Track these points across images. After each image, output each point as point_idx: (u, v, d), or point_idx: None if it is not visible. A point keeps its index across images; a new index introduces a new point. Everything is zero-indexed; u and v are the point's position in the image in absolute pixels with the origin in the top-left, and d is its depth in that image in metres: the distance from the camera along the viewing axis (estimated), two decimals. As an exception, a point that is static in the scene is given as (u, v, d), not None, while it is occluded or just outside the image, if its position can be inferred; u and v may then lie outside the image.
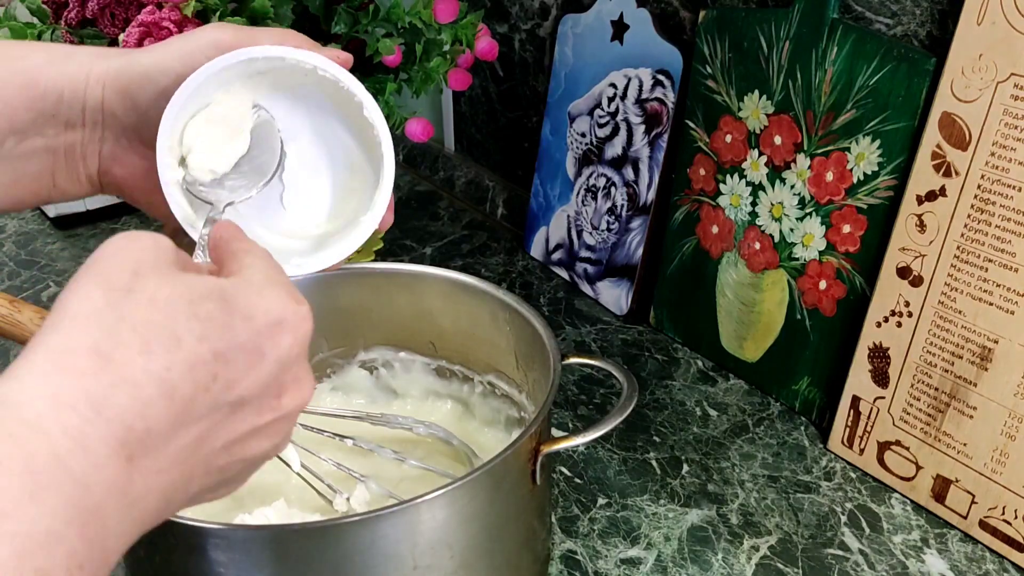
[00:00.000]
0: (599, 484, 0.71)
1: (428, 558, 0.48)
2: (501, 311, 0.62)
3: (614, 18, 0.88)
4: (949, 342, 0.65)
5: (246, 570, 0.46)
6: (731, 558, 0.64)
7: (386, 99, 0.89)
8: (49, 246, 1.07)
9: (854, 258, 0.71)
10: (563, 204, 0.98)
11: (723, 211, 0.80)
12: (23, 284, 0.99)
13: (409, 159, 1.27)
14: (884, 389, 0.69)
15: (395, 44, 0.86)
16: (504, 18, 1.04)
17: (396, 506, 0.45)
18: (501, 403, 0.66)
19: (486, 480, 0.48)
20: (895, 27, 0.67)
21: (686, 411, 0.79)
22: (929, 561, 0.64)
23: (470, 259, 1.04)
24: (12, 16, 0.84)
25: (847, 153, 0.69)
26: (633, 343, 0.88)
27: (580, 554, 0.64)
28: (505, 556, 0.53)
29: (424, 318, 0.66)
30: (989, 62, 0.59)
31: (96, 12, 0.84)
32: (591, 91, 0.92)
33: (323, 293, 0.66)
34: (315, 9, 0.85)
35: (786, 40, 0.71)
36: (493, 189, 1.13)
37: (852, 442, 0.72)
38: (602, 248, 0.93)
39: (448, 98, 1.18)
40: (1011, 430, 0.62)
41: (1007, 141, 0.59)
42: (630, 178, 0.89)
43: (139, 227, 1.11)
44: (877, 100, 0.66)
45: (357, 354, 0.69)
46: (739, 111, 0.76)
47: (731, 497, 0.69)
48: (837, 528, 0.66)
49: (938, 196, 0.63)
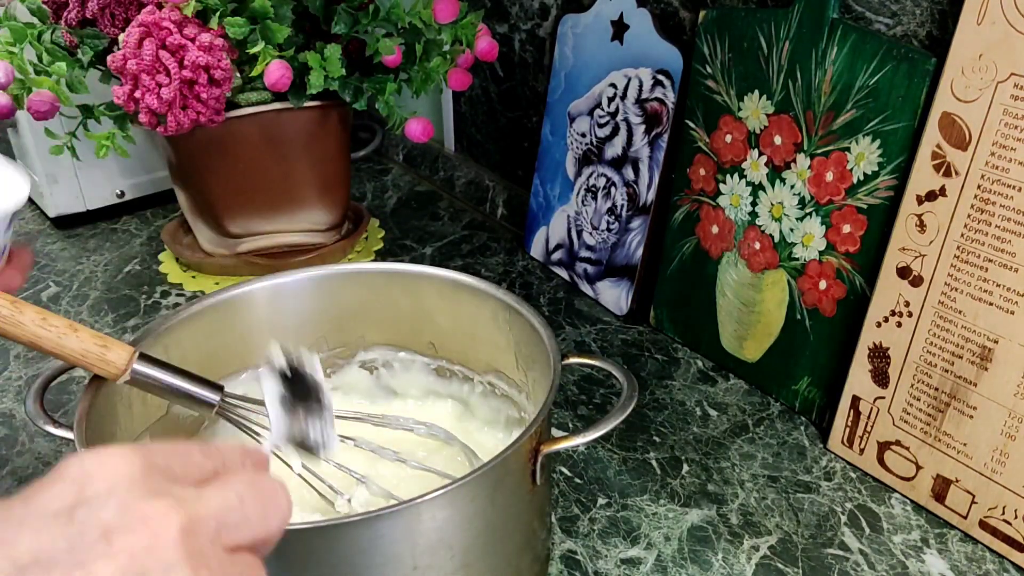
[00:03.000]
0: (599, 484, 0.71)
1: (428, 558, 0.48)
2: (501, 311, 0.62)
3: (614, 18, 0.88)
4: (949, 342, 0.65)
5: (246, 570, 0.46)
6: (731, 558, 0.64)
7: (386, 99, 0.89)
8: (49, 246, 1.07)
9: (854, 258, 0.71)
10: (563, 204, 0.98)
11: (723, 211, 0.80)
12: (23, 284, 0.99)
13: (409, 159, 1.27)
14: (884, 389, 0.69)
15: (395, 44, 0.86)
16: (504, 18, 1.04)
17: (396, 506, 0.45)
18: (501, 403, 0.66)
19: (486, 480, 0.48)
20: (895, 27, 0.67)
21: (686, 411, 0.79)
22: (929, 561, 0.64)
23: (470, 259, 1.04)
24: (12, 16, 0.84)
25: (847, 153, 0.69)
26: (633, 343, 0.88)
27: (580, 554, 0.64)
28: (505, 556, 0.53)
29: (424, 318, 0.66)
30: (989, 62, 0.59)
31: (96, 12, 0.84)
32: (591, 91, 0.92)
33: (323, 293, 0.66)
34: (315, 9, 0.85)
35: (786, 40, 0.71)
36: (493, 189, 1.13)
37: (852, 442, 0.72)
38: (602, 248, 0.93)
39: (448, 98, 1.18)
40: (1011, 430, 0.62)
41: (1007, 141, 0.59)
42: (630, 178, 0.89)
43: (138, 228, 1.11)
44: (877, 100, 0.66)
45: (357, 354, 0.69)
46: (739, 111, 0.76)
47: (731, 497, 0.69)
48: (837, 528, 0.66)
49: (938, 196, 0.63)
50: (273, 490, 0.35)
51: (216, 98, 0.80)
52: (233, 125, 0.86)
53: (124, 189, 1.12)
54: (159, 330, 0.59)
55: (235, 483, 0.33)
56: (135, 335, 0.58)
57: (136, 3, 0.83)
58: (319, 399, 0.54)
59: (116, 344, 0.51)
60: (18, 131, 1.06)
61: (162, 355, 0.55)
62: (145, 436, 0.59)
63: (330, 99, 0.90)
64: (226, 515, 0.32)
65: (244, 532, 0.33)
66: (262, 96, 0.87)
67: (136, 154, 1.07)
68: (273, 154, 0.91)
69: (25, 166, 1.11)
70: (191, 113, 0.80)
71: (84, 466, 0.30)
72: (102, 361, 0.51)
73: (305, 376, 0.54)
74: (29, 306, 0.49)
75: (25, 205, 0.52)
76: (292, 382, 0.53)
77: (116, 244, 1.08)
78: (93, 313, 0.94)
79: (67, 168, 1.06)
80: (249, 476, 0.35)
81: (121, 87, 0.78)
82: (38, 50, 0.85)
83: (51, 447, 0.75)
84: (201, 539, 0.30)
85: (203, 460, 0.34)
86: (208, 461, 0.35)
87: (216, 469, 0.35)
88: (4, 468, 0.73)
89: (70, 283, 0.99)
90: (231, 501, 0.33)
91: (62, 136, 0.87)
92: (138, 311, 0.94)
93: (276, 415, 0.52)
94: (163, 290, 0.98)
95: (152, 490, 0.30)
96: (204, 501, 0.32)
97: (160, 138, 0.90)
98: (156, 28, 0.77)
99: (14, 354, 0.87)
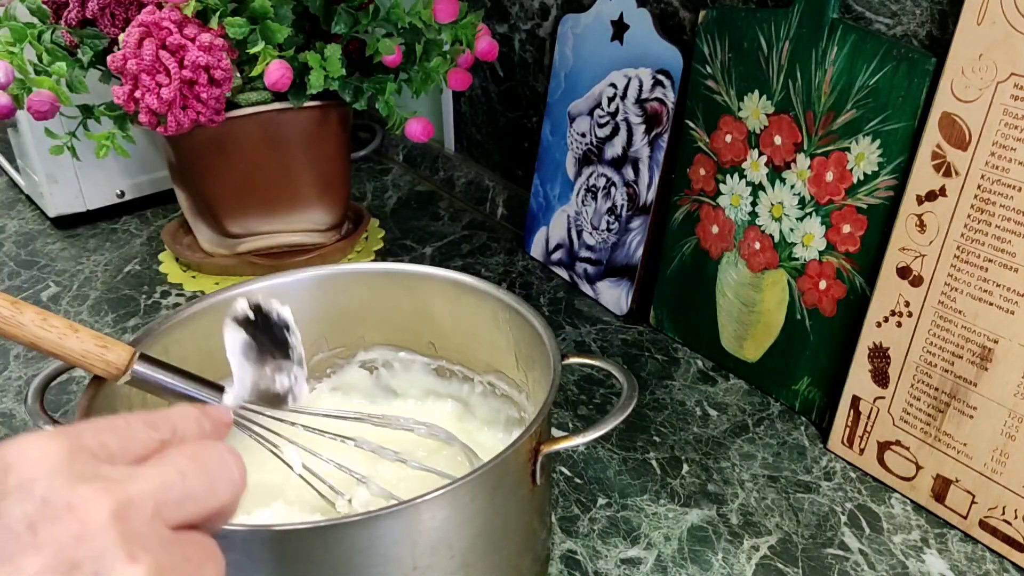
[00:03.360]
0: (599, 484, 0.71)
1: (428, 558, 0.48)
2: (501, 311, 0.62)
3: (614, 18, 0.88)
4: (949, 342, 0.65)
5: (246, 570, 0.46)
6: (731, 558, 0.64)
7: (386, 99, 0.89)
8: (49, 246, 1.07)
9: (854, 258, 0.71)
10: (563, 204, 0.98)
11: (723, 211, 0.80)
12: (23, 284, 0.99)
13: (409, 159, 1.27)
14: (884, 389, 0.69)
15: (395, 44, 0.86)
16: (504, 18, 1.04)
17: (396, 506, 0.45)
18: (501, 403, 0.66)
19: (486, 480, 0.48)
20: (895, 27, 0.67)
21: (686, 411, 0.79)
22: (929, 561, 0.64)
23: (470, 259, 1.04)
24: (12, 16, 0.84)
25: (847, 153, 0.69)
26: (633, 343, 0.88)
27: (580, 554, 0.64)
28: (505, 556, 0.53)
29: (424, 318, 0.66)
30: (989, 62, 0.59)
31: (96, 12, 0.84)
32: (591, 91, 0.92)
33: (323, 293, 0.66)
34: (315, 9, 0.85)
35: (786, 40, 0.71)
36: (493, 189, 1.13)
37: (852, 442, 0.72)
38: (602, 248, 0.93)
39: (448, 98, 1.18)
40: (1011, 430, 0.62)
41: (1007, 141, 0.59)
42: (630, 178, 0.89)
43: (138, 228, 1.11)
44: (877, 100, 0.66)
45: (357, 354, 0.69)
46: (739, 111, 0.76)
47: (731, 497, 0.69)
48: (837, 528, 0.66)
49: (938, 196, 0.63)
50: (220, 459, 0.33)
51: (216, 98, 0.80)
52: (233, 125, 0.86)
53: (124, 189, 1.12)
54: (159, 330, 0.59)
55: (175, 456, 0.31)
56: (135, 335, 0.58)
57: (136, 3, 0.83)
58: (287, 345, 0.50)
59: (116, 344, 0.51)
60: (18, 131, 1.06)
61: (162, 355, 0.55)
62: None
63: (330, 99, 0.90)
64: (165, 492, 0.30)
65: (189, 508, 0.31)
66: (262, 96, 0.87)
67: (136, 154, 1.07)
68: (273, 154, 0.91)
69: (24, 166, 1.11)
70: (191, 113, 0.80)
71: (4, 456, 0.29)
72: (102, 362, 0.51)
73: (272, 322, 0.50)
74: (29, 307, 0.49)
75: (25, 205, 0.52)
76: (258, 329, 0.50)
77: (116, 244, 1.08)
78: (93, 313, 0.94)
79: (67, 168, 1.06)
80: (193, 448, 0.32)
81: (121, 87, 0.78)
82: (38, 50, 0.85)
83: (51, 447, 0.75)
84: (136, 521, 0.29)
85: (147, 433, 0.32)
86: (154, 433, 0.32)
87: (164, 440, 0.33)
88: (4, 468, 0.73)
89: (70, 283, 0.99)
90: (170, 476, 0.31)
91: (62, 136, 0.87)
92: (138, 311, 0.94)
93: (238, 365, 0.49)
94: (163, 290, 0.98)
95: (78, 474, 0.29)
96: (138, 480, 0.30)
97: (160, 138, 0.90)
98: (156, 28, 0.77)
99: (14, 354, 0.87)
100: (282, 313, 0.51)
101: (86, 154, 0.96)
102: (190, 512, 0.31)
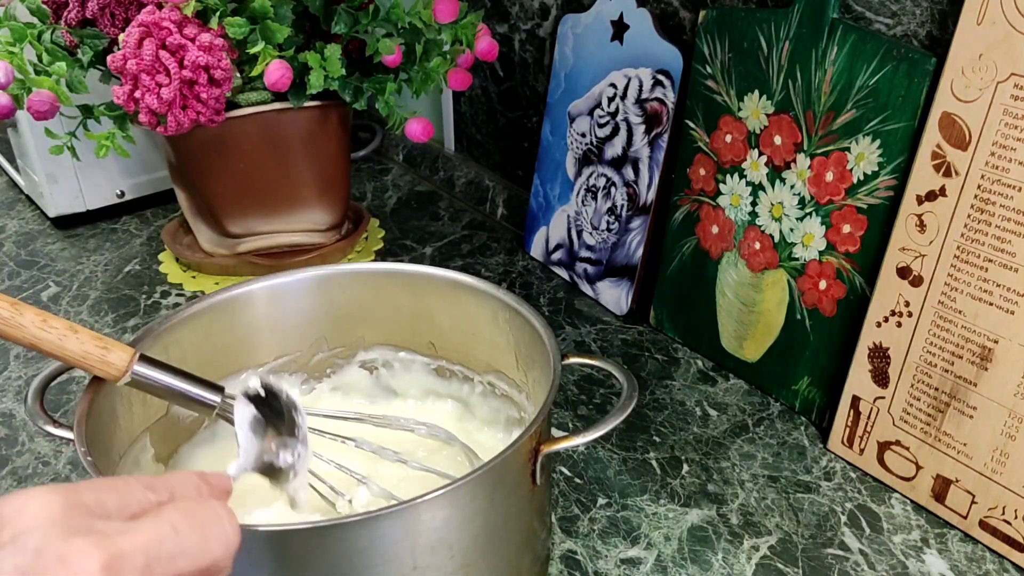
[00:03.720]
0: (599, 484, 0.71)
1: (428, 558, 0.48)
2: (501, 311, 0.62)
3: (614, 18, 0.88)
4: (949, 342, 0.65)
5: (246, 570, 0.46)
6: (731, 558, 0.64)
7: (386, 99, 0.89)
8: (49, 246, 1.07)
9: (854, 258, 0.71)
10: (563, 204, 0.98)
11: (723, 211, 0.80)
12: (23, 284, 0.99)
13: (409, 159, 1.27)
14: (884, 389, 0.69)
15: (395, 44, 0.86)
16: (504, 18, 1.04)
17: (396, 506, 0.45)
18: (501, 403, 0.66)
19: (486, 480, 0.48)
20: (895, 27, 0.67)
21: (686, 411, 0.79)
22: (929, 561, 0.64)
23: (470, 259, 1.04)
24: (12, 16, 0.84)
25: (847, 153, 0.69)
26: (633, 343, 0.88)
27: (580, 554, 0.64)
28: (505, 556, 0.53)
29: (424, 318, 0.66)
30: (989, 62, 0.59)
31: (96, 12, 0.84)
32: (591, 91, 0.92)
33: (323, 293, 0.66)
34: (315, 9, 0.85)
35: (786, 40, 0.71)
36: (493, 189, 1.13)
37: (852, 442, 0.72)
38: (602, 248, 0.93)
39: (448, 98, 1.18)
40: (1011, 430, 0.62)
41: (1007, 141, 0.59)
42: (630, 178, 0.89)
43: (138, 228, 1.11)
44: (877, 100, 0.66)
45: (357, 354, 0.69)
46: (739, 111, 0.76)
47: (731, 497, 0.69)
48: (837, 528, 0.66)
49: (938, 196, 0.63)
50: (214, 515, 0.33)
51: (216, 98, 0.80)
52: (233, 125, 0.86)
53: (124, 189, 1.12)
54: (159, 330, 0.59)
55: (169, 513, 0.32)
56: (135, 335, 0.58)
57: (136, 3, 0.83)
58: (294, 424, 0.52)
59: (116, 345, 0.51)
60: (18, 131, 1.06)
61: (162, 355, 0.55)
62: (145, 436, 0.59)
63: (330, 99, 0.90)
64: (157, 547, 0.31)
65: (181, 563, 0.31)
66: (262, 96, 0.87)
67: (136, 154, 1.07)
68: (273, 154, 0.91)
69: (25, 165, 1.11)
70: (191, 113, 0.80)
71: (1, 511, 0.30)
72: (102, 363, 0.51)
73: (280, 398, 0.53)
74: (29, 308, 0.49)
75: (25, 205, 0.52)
76: (266, 405, 0.52)
77: (116, 244, 1.08)
78: (93, 313, 0.94)
79: (67, 168, 1.06)
80: (187, 504, 0.33)
81: (121, 87, 0.78)
82: (38, 50, 0.85)
83: (51, 447, 0.75)
84: (126, 575, 0.29)
85: (144, 494, 0.33)
86: (151, 494, 0.33)
87: (161, 502, 0.33)
88: (4, 468, 0.73)
89: (70, 283, 0.99)
90: (163, 532, 0.31)
91: (62, 136, 0.87)
92: (138, 311, 0.94)
93: (245, 438, 0.51)
94: (163, 290, 0.98)
95: (73, 528, 0.29)
96: (131, 534, 0.30)
97: (160, 138, 0.90)
98: (156, 28, 0.77)
99: (14, 354, 0.87)
100: (291, 394, 0.54)
101: (86, 154, 0.96)
102: (182, 567, 0.32)
